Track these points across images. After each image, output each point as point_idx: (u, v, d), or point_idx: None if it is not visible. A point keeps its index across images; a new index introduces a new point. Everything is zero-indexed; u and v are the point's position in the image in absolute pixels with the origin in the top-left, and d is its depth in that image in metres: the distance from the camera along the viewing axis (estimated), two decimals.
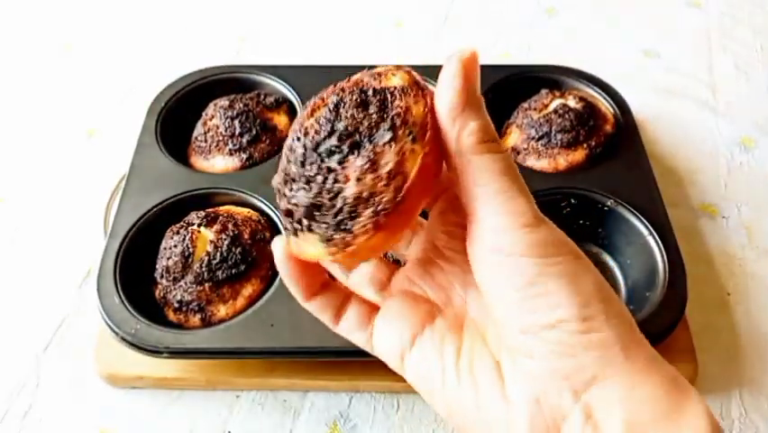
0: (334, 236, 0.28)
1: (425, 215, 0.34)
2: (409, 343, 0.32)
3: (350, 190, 0.27)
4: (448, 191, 0.33)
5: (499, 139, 0.29)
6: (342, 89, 0.30)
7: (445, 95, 0.28)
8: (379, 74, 0.30)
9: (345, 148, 0.28)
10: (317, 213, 0.28)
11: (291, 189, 0.29)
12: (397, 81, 0.30)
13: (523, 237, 0.27)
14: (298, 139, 0.29)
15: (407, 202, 0.27)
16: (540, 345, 0.28)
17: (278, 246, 0.32)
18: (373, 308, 0.34)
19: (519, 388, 0.29)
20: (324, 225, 0.28)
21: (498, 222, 0.28)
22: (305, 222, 0.29)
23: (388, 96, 0.29)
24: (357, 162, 0.27)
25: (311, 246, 0.29)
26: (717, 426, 0.27)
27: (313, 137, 0.29)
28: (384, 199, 0.27)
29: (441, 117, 0.28)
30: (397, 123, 0.28)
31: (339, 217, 0.27)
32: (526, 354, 0.29)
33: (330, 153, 0.28)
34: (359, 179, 0.27)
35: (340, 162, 0.28)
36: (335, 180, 0.28)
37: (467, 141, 0.28)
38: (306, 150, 0.29)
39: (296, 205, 0.29)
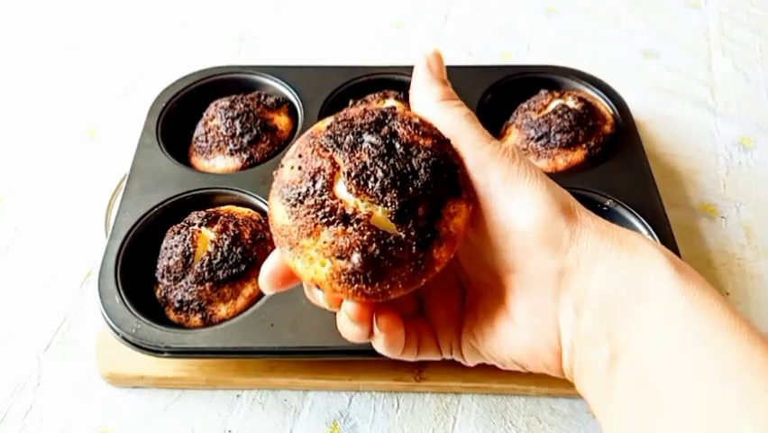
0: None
1: None
2: (457, 338, 0.37)
3: (428, 142, 0.32)
4: None
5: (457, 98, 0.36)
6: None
7: (414, 80, 0.36)
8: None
9: (387, 134, 0.31)
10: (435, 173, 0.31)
11: (405, 193, 0.30)
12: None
13: (477, 155, 0.32)
14: (365, 166, 0.31)
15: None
16: (512, 253, 0.32)
17: (385, 318, 0.34)
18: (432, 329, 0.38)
19: (517, 307, 0.33)
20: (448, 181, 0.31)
21: (465, 144, 0.33)
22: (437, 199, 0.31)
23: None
24: (409, 128, 0.32)
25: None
26: (673, 258, 0.30)
27: (371, 156, 0.31)
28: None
29: (413, 96, 0.36)
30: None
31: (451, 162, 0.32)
32: (511, 269, 0.32)
33: (390, 148, 0.31)
34: (423, 135, 0.32)
35: (402, 143, 0.31)
36: (418, 150, 0.31)
37: (433, 99, 0.35)
38: (378, 168, 0.30)
39: (424, 185, 0.30)
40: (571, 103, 0.66)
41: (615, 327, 0.29)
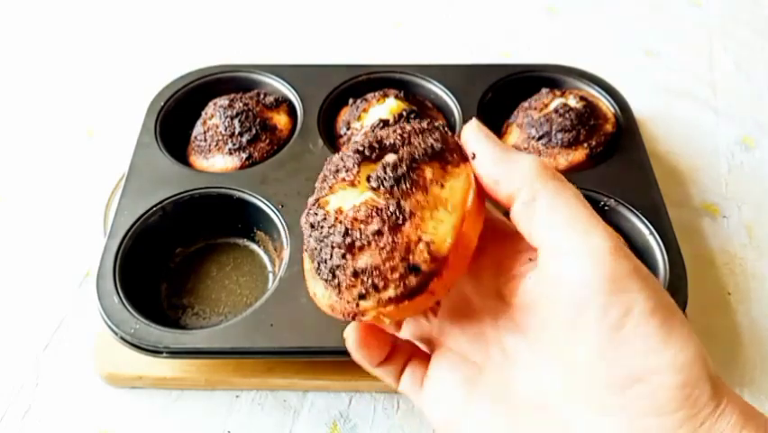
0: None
1: None
2: (459, 409, 0.31)
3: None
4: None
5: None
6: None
7: (482, 147, 0.29)
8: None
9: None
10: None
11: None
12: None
13: (613, 268, 0.25)
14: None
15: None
16: (624, 401, 0.25)
17: (352, 329, 0.33)
18: (426, 368, 0.34)
19: None
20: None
21: (584, 250, 0.25)
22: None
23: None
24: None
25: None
26: None
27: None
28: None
29: (486, 170, 0.29)
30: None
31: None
32: (605, 411, 0.26)
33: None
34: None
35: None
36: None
37: (534, 171, 0.27)
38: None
39: None
40: (573, 102, 0.66)
41: None
